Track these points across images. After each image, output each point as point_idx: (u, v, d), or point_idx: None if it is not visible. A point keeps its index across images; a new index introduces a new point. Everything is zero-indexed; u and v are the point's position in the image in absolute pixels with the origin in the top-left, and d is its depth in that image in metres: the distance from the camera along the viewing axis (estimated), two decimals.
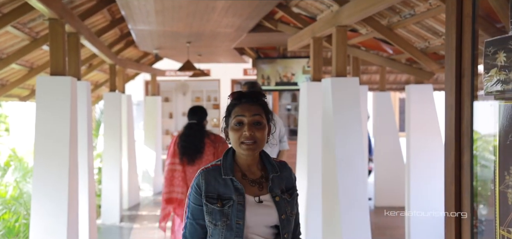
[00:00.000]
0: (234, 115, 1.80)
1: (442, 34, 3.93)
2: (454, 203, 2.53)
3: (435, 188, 5.60)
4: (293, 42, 5.58)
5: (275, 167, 1.86)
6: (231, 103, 1.85)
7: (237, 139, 1.78)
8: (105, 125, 7.28)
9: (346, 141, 4.03)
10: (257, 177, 1.83)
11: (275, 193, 1.81)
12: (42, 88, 3.78)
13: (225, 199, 1.77)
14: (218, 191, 1.78)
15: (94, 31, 5.92)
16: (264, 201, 1.80)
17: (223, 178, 1.79)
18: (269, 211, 1.79)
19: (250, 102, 1.81)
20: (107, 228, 6.86)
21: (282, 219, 1.79)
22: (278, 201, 1.80)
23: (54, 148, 3.70)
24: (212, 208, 1.77)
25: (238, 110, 1.80)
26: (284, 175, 1.88)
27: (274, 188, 1.82)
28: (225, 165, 1.82)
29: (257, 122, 1.78)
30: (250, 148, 1.77)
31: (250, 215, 1.77)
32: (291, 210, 1.84)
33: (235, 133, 1.79)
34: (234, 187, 1.78)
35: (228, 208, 1.76)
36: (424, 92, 5.67)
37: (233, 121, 1.79)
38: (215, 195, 1.78)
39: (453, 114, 2.53)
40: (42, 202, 3.63)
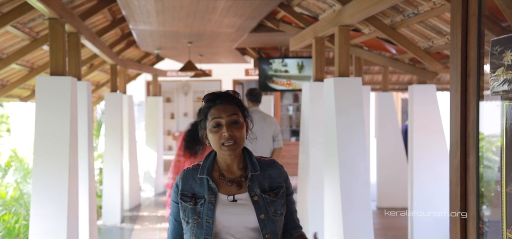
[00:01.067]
0: (211, 117, 1.80)
1: (446, 34, 3.89)
2: (460, 205, 2.49)
3: (438, 189, 5.56)
4: (295, 42, 5.54)
5: (256, 165, 1.83)
6: (206, 106, 1.84)
7: (217, 141, 1.78)
8: (106, 125, 7.24)
9: (349, 141, 3.99)
10: (236, 176, 1.82)
11: (254, 192, 1.79)
12: (41, 88, 3.75)
13: (199, 197, 1.78)
14: (194, 190, 1.80)
15: (95, 31, 5.89)
16: (239, 200, 1.78)
17: (199, 177, 1.81)
18: (245, 210, 1.77)
19: (225, 102, 1.81)
20: (108, 229, 6.83)
21: (260, 219, 1.76)
22: (256, 201, 1.77)
23: (54, 148, 3.67)
24: (186, 206, 1.79)
25: (214, 112, 1.79)
26: (269, 173, 1.84)
27: (253, 187, 1.79)
28: (204, 165, 1.83)
29: (234, 121, 1.78)
30: (231, 148, 1.76)
31: (222, 214, 1.76)
32: (275, 210, 1.79)
33: (214, 135, 1.78)
34: (208, 186, 1.79)
35: (200, 206, 1.77)
36: (427, 92, 5.62)
37: (211, 124, 1.79)
38: (190, 193, 1.80)
39: (459, 114, 2.49)
40: (42, 202, 3.59)
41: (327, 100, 4.24)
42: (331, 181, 4.12)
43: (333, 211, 4.10)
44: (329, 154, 4.19)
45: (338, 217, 3.96)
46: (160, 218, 7.47)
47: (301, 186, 5.08)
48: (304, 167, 4.99)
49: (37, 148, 3.67)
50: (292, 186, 1.93)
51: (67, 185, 3.63)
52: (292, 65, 8.01)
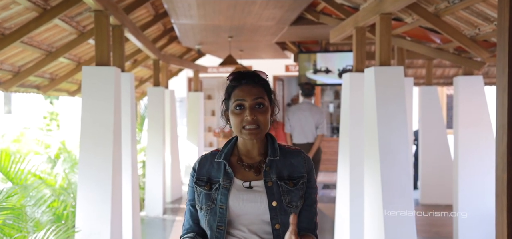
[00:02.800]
0: (234, 98, 1.68)
1: (494, 20, 3.74)
2: (507, 192, 2.39)
3: (486, 186, 5.35)
4: (335, 34, 5.48)
5: (276, 151, 1.71)
6: (230, 85, 1.72)
7: (238, 124, 1.67)
8: (148, 119, 7.42)
9: (390, 132, 3.91)
10: (255, 162, 1.71)
11: (269, 178, 1.67)
12: (87, 78, 3.89)
13: (214, 182, 1.69)
14: (210, 174, 1.70)
15: (138, 25, 6.03)
16: (255, 186, 1.66)
17: (217, 162, 1.71)
18: (259, 198, 1.65)
19: (251, 83, 1.69)
20: (151, 220, 6.99)
21: (272, 207, 1.63)
22: (270, 186, 1.65)
23: (98, 135, 3.80)
24: (200, 190, 1.69)
25: (238, 92, 1.68)
26: (291, 162, 1.71)
27: (269, 173, 1.67)
28: (222, 150, 1.74)
29: (259, 104, 1.66)
30: (252, 133, 1.65)
31: (236, 201, 1.65)
32: (290, 200, 1.65)
33: (236, 118, 1.67)
34: (224, 171, 1.69)
35: (214, 191, 1.67)
36: (474, 84, 5.42)
37: (234, 105, 1.67)
38: (205, 178, 1.70)
39: (506, 97, 2.39)
40: (87, 187, 3.73)
41: (367, 90, 4.17)
42: (371, 173, 4.05)
43: (373, 204, 4.03)
44: (369, 145, 4.12)
45: (379, 209, 3.89)
46: None
47: (341, 181, 5.02)
48: (344, 160, 4.93)
49: (83, 135, 3.81)
50: (316, 182, 1.76)
51: (111, 170, 3.75)
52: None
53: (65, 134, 9.86)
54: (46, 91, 6.22)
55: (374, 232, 4.04)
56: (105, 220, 3.69)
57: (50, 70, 5.95)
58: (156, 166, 7.29)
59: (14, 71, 5.06)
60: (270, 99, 1.73)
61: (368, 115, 4.15)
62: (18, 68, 5.09)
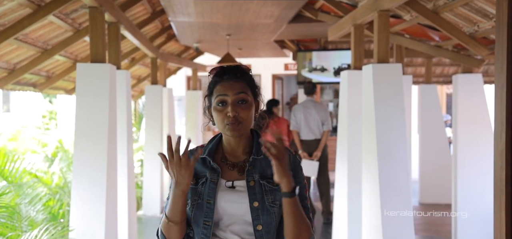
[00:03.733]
0: (216, 94, 1.62)
1: (493, 16, 3.70)
2: (505, 189, 2.35)
3: (485, 185, 5.31)
4: (333, 31, 5.44)
5: (260, 150, 1.63)
6: (212, 81, 1.66)
7: (221, 121, 1.61)
8: (146, 117, 7.38)
9: (388, 129, 3.87)
10: (240, 161, 1.65)
11: (251, 177, 1.61)
12: (82, 75, 3.85)
13: (200, 177, 1.63)
14: (196, 169, 1.63)
15: (135, 23, 5.99)
16: (237, 186, 1.61)
17: (202, 158, 1.65)
18: (240, 198, 1.59)
19: (233, 79, 1.62)
20: (148, 219, 6.95)
21: (253, 207, 1.57)
22: (252, 186, 1.59)
23: (93, 133, 3.76)
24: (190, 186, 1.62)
25: (220, 88, 1.62)
26: None
27: (252, 172, 1.61)
28: (207, 146, 1.68)
29: (242, 100, 1.60)
30: (235, 129, 1.59)
31: (221, 201, 1.60)
32: (273, 200, 1.59)
33: (219, 114, 1.61)
34: (210, 166, 1.64)
35: (201, 186, 1.61)
36: (473, 82, 5.37)
37: (216, 101, 1.62)
38: (194, 173, 1.62)
39: (504, 93, 2.35)
40: (82, 185, 3.70)
41: (365, 88, 4.13)
42: (370, 171, 4.01)
43: (372, 202, 3.99)
44: (367, 142, 4.08)
45: (377, 207, 3.85)
46: None
47: (339, 180, 4.98)
48: (342, 159, 4.89)
49: (78, 133, 3.77)
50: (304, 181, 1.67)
51: (105, 169, 3.71)
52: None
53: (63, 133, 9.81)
54: (42, 89, 6.17)
55: (372, 230, 4.00)
56: (100, 219, 3.65)
57: (46, 68, 5.91)
58: (154, 165, 7.25)
59: (10, 69, 5.02)
60: (254, 95, 1.67)
61: (366, 113, 4.11)
62: (14, 66, 5.05)
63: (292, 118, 6.46)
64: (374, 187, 3.91)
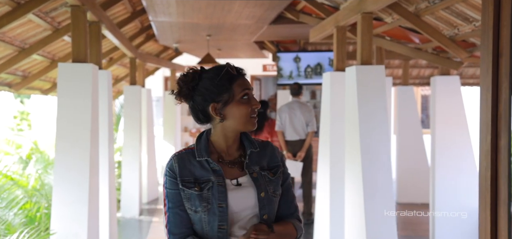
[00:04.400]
0: (240, 88, 1.64)
1: (473, 20, 3.79)
2: (490, 189, 2.41)
3: (462, 185, 5.45)
4: (315, 33, 5.47)
5: (254, 143, 1.72)
6: (229, 77, 1.64)
7: (246, 114, 1.64)
8: (125, 118, 7.28)
9: (371, 130, 3.92)
10: (235, 158, 1.70)
11: (252, 169, 1.67)
12: (63, 75, 3.77)
13: (203, 182, 1.61)
14: (194, 174, 1.62)
15: (115, 22, 5.90)
16: (243, 183, 1.66)
17: (198, 161, 1.64)
18: (247, 192, 1.64)
19: (245, 76, 1.71)
20: (127, 221, 6.86)
21: (260, 197, 1.64)
22: (256, 178, 1.66)
23: (75, 135, 3.68)
24: (190, 192, 1.61)
25: (242, 82, 1.65)
26: (266, 152, 1.73)
27: (251, 165, 1.68)
28: (199, 148, 1.66)
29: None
30: (256, 122, 1.68)
31: (230, 201, 1.62)
32: (274, 190, 1.68)
33: (245, 107, 1.64)
34: (211, 169, 1.63)
35: (207, 191, 1.60)
36: (451, 84, 5.50)
37: (241, 94, 1.64)
38: (192, 178, 1.62)
39: (489, 96, 2.41)
40: (63, 189, 3.61)
41: (349, 89, 4.17)
42: (353, 171, 4.05)
43: (355, 201, 4.03)
44: (350, 143, 4.12)
45: (360, 206, 3.90)
46: None
47: (321, 180, 5.01)
48: (324, 160, 4.92)
49: (59, 135, 3.69)
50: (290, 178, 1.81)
51: (88, 172, 3.64)
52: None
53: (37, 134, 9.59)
54: (18, 89, 6.02)
55: (355, 230, 4.04)
56: (82, 222, 3.58)
57: (23, 67, 5.76)
58: (132, 166, 7.17)
59: None
60: None
61: (349, 114, 4.15)
62: None
63: (277, 118, 6.54)
64: (357, 186, 3.95)
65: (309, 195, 6.53)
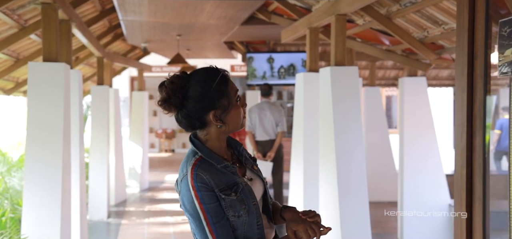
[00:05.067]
0: (233, 90, 1.63)
1: (442, 23, 3.92)
2: (465, 186, 2.51)
3: (429, 183, 5.62)
4: (287, 34, 5.52)
5: (237, 142, 1.78)
6: (222, 81, 1.60)
7: (241, 116, 1.67)
8: (92, 119, 7.12)
9: (346, 129, 3.99)
10: (232, 157, 1.73)
11: (250, 163, 1.74)
12: (34, 75, 3.65)
13: (233, 186, 1.58)
14: (223, 182, 1.57)
15: (84, 21, 5.77)
16: (251, 176, 1.72)
17: (217, 168, 1.59)
18: (257, 184, 1.71)
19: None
20: (95, 224, 6.71)
21: (264, 184, 1.75)
22: (257, 169, 1.75)
23: (47, 136, 3.58)
24: (230, 200, 1.56)
25: (233, 84, 1.65)
26: (242, 147, 1.79)
27: (245, 160, 1.75)
28: (210, 156, 1.60)
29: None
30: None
31: (256, 194, 1.69)
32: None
33: (240, 110, 1.65)
34: (230, 172, 1.61)
35: (240, 194, 1.59)
36: (418, 85, 5.66)
37: (235, 97, 1.64)
38: (225, 186, 1.57)
39: (465, 96, 2.51)
40: (35, 192, 3.50)
41: (323, 89, 4.23)
42: (327, 170, 4.12)
43: (329, 200, 4.09)
44: (325, 142, 4.18)
45: (335, 205, 3.96)
46: (147, 213, 7.38)
47: (294, 180, 5.06)
48: (298, 160, 4.97)
49: (30, 136, 3.57)
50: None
51: (60, 174, 3.55)
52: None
53: None
54: None
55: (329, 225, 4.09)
56: (55, 225, 3.48)
57: None
58: (100, 168, 7.01)
59: None
60: None
61: (324, 114, 4.21)
62: None
63: (247, 119, 6.52)
64: (332, 185, 4.01)
65: (280, 195, 6.57)
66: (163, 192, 9.10)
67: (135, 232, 6.33)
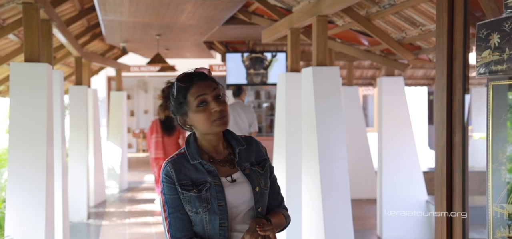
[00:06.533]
0: (193, 96, 1.67)
1: (420, 24, 4.04)
2: (446, 182, 2.60)
3: (407, 180, 5.77)
4: (268, 34, 5.58)
5: (240, 141, 1.78)
6: (182, 88, 1.69)
7: (207, 119, 1.67)
8: (71, 120, 7.04)
9: (327, 128, 4.07)
10: (225, 156, 1.75)
11: (244, 166, 1.74)
12: (16, 75, 3.62)
13: (200, 183, 1.66)
14: (191, 177, 1.67)
15: (63, 20, 5.71)
16: (237, 179, 1.72)
17: (192, 164, 1.68)
18: (244, 188, 1.71)
19: (203, 79, 1.70)
20: (75, 225, 6.64)
21: (255, 192, 1.71)
22: (249, 174, 1.72)
23: (30, 137, 3.55)
24: (189, 195, 1.65)
25: (196, 90, 1.68)
26: (252, 148, 1.80)
27: (242, 162, 1.74)
28: (190, 152, 1.70)
29: (218, 95, 1.70)
30: (223, 122, 1.69)
31: (228, 198, 1.68)
32: (264, 183, 1.76)
33: (203, 114, 1.67)
34: (205, 170, 1.68)
35: (205, 192, 1.65)
36: (396, 84, 5.80)
37: (196, 102, 1.67)
38: (189, 181, 1.66)
39: (445, 95, 2.60)
40: (18, 194, 3.47)
41: (305, 89, 4.30)
42: (310, 168, 4.19)
43: (312, 198, 4.17)
44: (307, 141, 4.26)
45: (318, 202, 4.04)
46: (127, 213, 7.34)
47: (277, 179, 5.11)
48: (280, 159, 5.03)
49: (13, 137, 3.54)
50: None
51: (44, 175, 3.53)
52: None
53: None
54: None
55: (313, 225, 4.18)
56: (39, 226, 3.46)
57: None
58: (79, 168, 6.95)
59: None
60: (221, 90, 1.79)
61: (306, 113, 4.28)
62: None
63: None
64: (315, 183, 4.09)
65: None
66: (142, 192, 9.06)
67: (117, 233, 6.30)
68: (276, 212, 1.81)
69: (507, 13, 2.19)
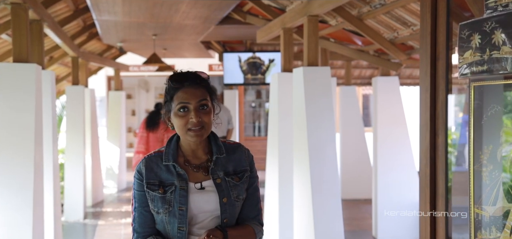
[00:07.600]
0: (177, 100, 1.67)
1: (411, 24, 4.02)
2: (429, 183, 2.58)
3: (402, 180, 5.74)
4: (262, 34, 5.57)
5: (221, 148, 1.74)
6: (172, 87, 1.69)
7: (183, 126, 1.66)
8: (68, 120, 7.05)
9: (318, 128, 4.06)
10: (202, 162, 1.73)
11: (217, 175, 1.70)
12: (4, 76, 3.61)
13: (167, 185, 1.67)
14: (160, 177, 1.69)
15: (57, 20, 5.71)
16: (206, 186, 1.69)
17: (165, 165, 1.69)
18: (210, 197, 1.68)
19: (194, 85, 1.67)
20: (71, 225, 6.66)
21: (222, 203, 1.68)
22: (219, 183, 1.69)
23: (18, 139, 3.54)
24: (154, 195, 1.68)
25: (182, 95, 1.66)
26: (234, 157, 1.75)
27: (216, 170, 1.71)
28: (167, 152, 1.71)
29: (203, 105, 1.67)
30: (198, 134, 1.66)
31: (192, 203, 1.67)
32: (237, 195, 1.71)
33: (181, 120, 1.66)
34: (176, 173, 1.68)
35: (170, 194, 1.66)
36: (391, 84, 5.77)
37: (177, 107, 1.66)
38: (157, 181, 1.68)
39: (428, 96, 2.58)
40: (6, 194, 3.47)
41: (296, 89, 4.29)
42: (301, 168, 4.18)
43: (303, 198, 4.15)
44: (298, 142, 4.24)
45: (308, 202, 4.02)
46: (124, 213, 7.35)
47: (270, 180, 5.10)
48: (273, 160, 5.02)
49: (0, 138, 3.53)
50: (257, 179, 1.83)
51: (32, 177, 3.52)
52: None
53: None
54: None
55: (303, 225, 4.16)
56: (27, 227, 3.46)
57: None
58: (76, 168, 6.95)
59: None
60: (212, 99, 1.74)
61: (297, 113, 4.27)
62: None
63: None
64: (305, 183, 4.07)
65: None
66: None
67: (112, 233, 6.30)
68: (245, 225, 1.76)
69: (487, 14, 2.17)
